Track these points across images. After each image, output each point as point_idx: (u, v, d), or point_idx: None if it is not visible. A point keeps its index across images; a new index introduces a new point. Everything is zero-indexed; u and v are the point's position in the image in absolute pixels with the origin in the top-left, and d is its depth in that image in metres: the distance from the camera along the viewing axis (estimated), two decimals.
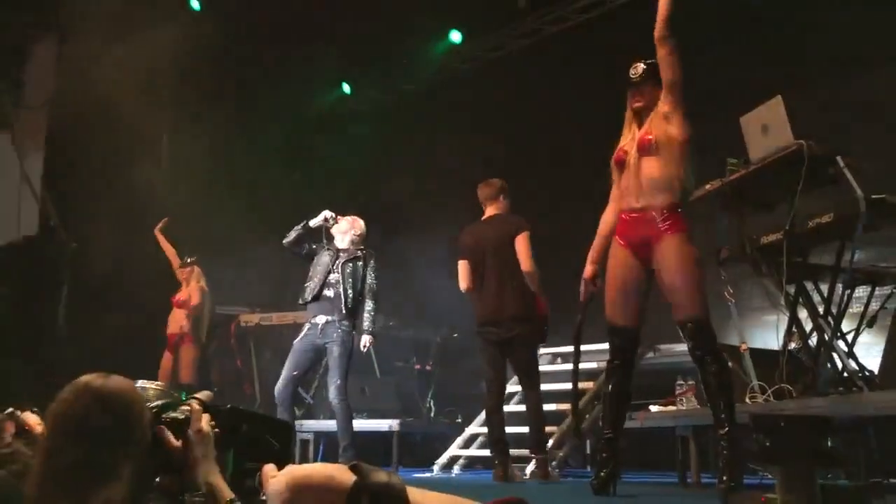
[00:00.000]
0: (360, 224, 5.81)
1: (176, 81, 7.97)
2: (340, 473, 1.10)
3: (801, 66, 6.29)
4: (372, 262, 5.67)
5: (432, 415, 7.72)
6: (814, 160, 3.87)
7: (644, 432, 5.20)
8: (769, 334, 4.61)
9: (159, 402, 1.71)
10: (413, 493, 1.11)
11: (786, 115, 3.97)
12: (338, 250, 5.70)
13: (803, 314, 4.21)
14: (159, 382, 5.35)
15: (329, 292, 5.53)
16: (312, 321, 5.55)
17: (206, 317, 7.68)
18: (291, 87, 8.95)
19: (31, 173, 7.59)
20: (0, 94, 7.45)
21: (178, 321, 7.53)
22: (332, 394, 5.41)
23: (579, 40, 7.91)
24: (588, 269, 4.11)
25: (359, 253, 5.66)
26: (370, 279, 5.62)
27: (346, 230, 5.73)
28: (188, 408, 1.70)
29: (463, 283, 5.42)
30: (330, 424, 6.84)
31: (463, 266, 5.43)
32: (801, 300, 4.17)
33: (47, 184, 7.74)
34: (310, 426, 7.03)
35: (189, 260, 7.61)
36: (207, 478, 1.64)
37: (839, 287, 4.14)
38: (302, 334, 5.59)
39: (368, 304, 5.63)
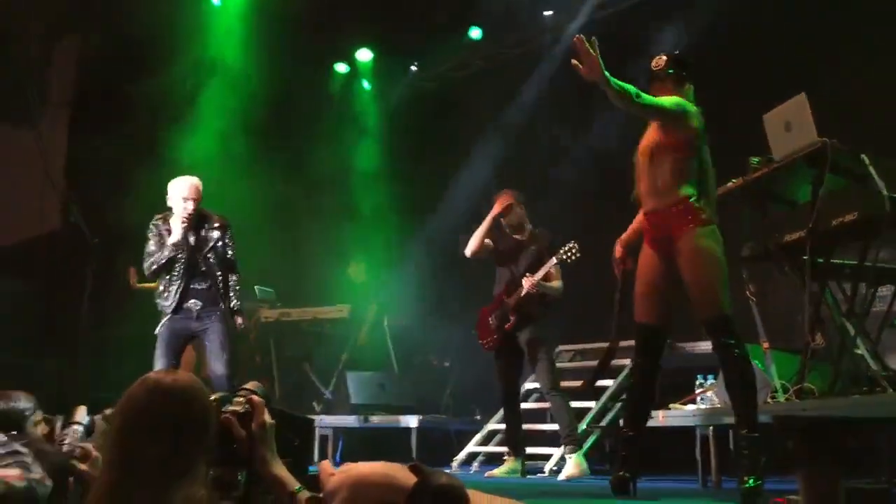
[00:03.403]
0: (196, 186, 5.14)
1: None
2: (401, 473, 1.09)
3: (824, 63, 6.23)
4: (230, 232, 5.21)
5: (450, 411, 7.72)
6: (837, 158, 3.83)
7: (664, 432, 5.17)
8: (792, 333, 4.57)
9: (217, 396, 1.72)
10: (474, 495, 1.10)
11: (809, 112, 3.93)
12: (193, 228, 5.11)
13: (826, 313, 4.17)
14: None
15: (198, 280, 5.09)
16: (185, 305, 5.06)
17: None
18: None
19: (54, 169, 7.67)
20: (25, 92, 7.52)
21: None
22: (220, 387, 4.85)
23: None
24: (616, 249, 4.12)
25: (216, 232, 5.14)
26: (230, 253, 5.17)
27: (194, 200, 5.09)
28: (242, 400, 1.70)
29: None
30: (348, 420, 6.89)
31: None
32: (823, 299, 4.13)
33: (70, 180, 7.81)
34: (329, 422, 7.06)
35: None
36: (273, 469, 1.65)
37: (862, 286, 4.10)
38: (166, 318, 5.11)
39: (234, 281, 5.21)
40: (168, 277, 5.08)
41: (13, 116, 7.60)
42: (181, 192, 5.04)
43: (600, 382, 6.32)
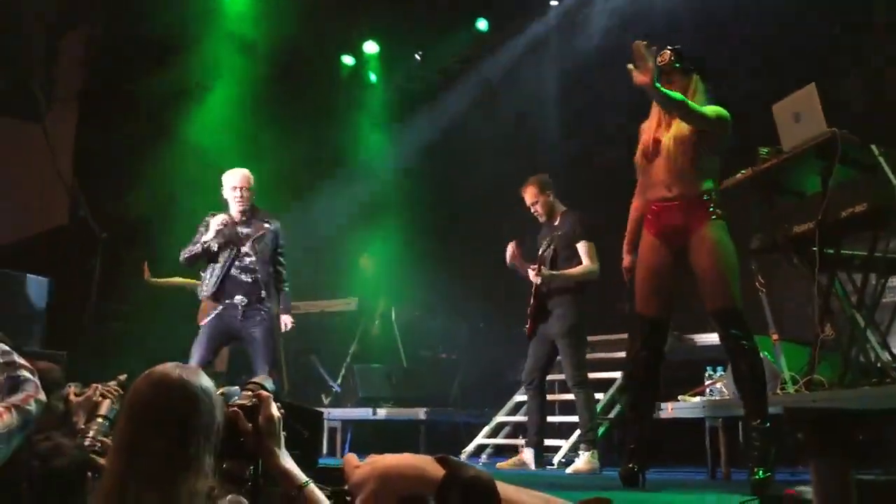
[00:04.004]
0: (244, 178, 5.24)
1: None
2: (430, 466, 1.08)
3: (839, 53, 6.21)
4: (280, 231, 5.28)
5: (458, 403, 7.74)
6: (847, 149, 3.82)
7: (672, 424, 5.17)
8: (801, 325, 4.56)
9: (224, 390, 1.72)
10: (503, 487, 1.09)
11: (819, 103, 3.91)
12: (236, 224, 5.21)
13: (836, 305, 4.16)
14: None
15: (245, 276, 5.15)
16: (229, 301, 5.15)
17: None
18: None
19: (62, 164, 7.68)
20: (32, 87, 7.53)
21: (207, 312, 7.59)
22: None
23: None
24: (626, 259, 4.11)
25: (265, 228, 5.21)
26: (279, 252, 5.26)
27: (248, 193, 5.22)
28: (249, 393, 1.70)
29: None
30: (356, 413, 6.90)
31: None
32: (833, 290, 4.11)
33: (78, 175, 7.83)
34: (337, 415, 7.07)
35: None
36: (281, 463, 1.65)
37: (872, 277, 4.09)
38: (215, 314, 5.23)
39: (283, 282, 5.31)
40: (211, 266, 5.17)
41: (20, 111, 7.61)
42: (231, 182, 5.18)
43: (608, 374, 6.33)
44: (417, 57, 9.37)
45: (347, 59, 9.46)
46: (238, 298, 5.08)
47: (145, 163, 7.48)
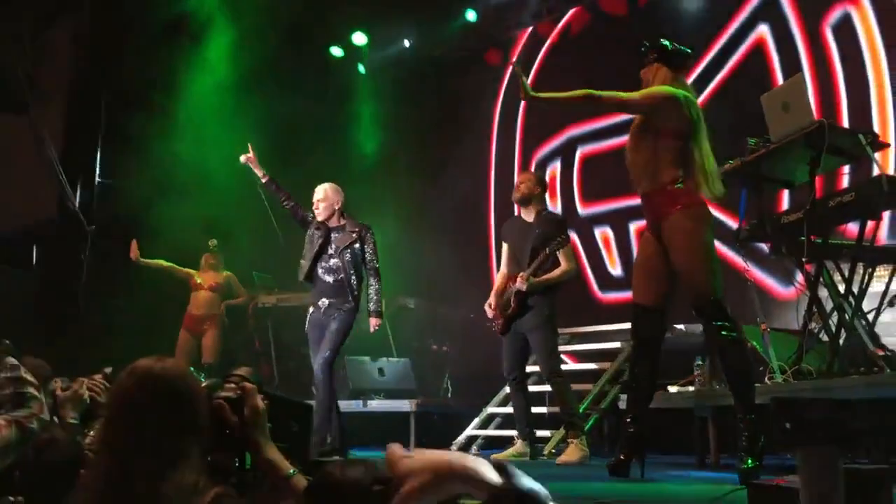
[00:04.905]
0: (332, 193, 5.50)
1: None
2: (485, 468, 1.02)
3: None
4: (370, 238, 5.48)
5: (449, 395, 7.74)
6: (835, 139, 3.83)
7: (662, 413, 5.18)
8: (789, 314, 4.58)
9: (208, 382, 1.71)
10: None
11: (807, 92, 3.92)
12: (329, 230, 5.45)
13: (824, 294, 4.17)
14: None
15: (328, 277, 5.38)
16: (317, 304, 5.41)
17: (238, 296, 7.89)
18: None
19: (50, 156, 7.64)
20: (17, 79, 7.48)
21: (208, 303, 7.60)
22: (318, 367, 5.26)
23: None
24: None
25: (354, 235, 5.44)
26: (370, 257, 5.46)
27: (326, 209, 5.45)
28: (233, 385, 1.69)
29: None
30: (347, 405, 6.89)
31: None
32: (821, 279, 4.13)
33: (66, 168, 7.79)
34: None
35: (213, 244, 7.67)
36: (267, 454, 1.65)
37: (860, 266, 4.10)
38: (307, 318, 5.49)
39: (373, 285, 5.45)
40: (304, 256, 5.51)
41: (7, 103, 7.56)
42: (315, 196, 5.51)
43: (597, 365, 6.35)
44: (406, 44, 9.32)
45: (336, 50, 9.43)
46: (322, 301, 5.40)
47: (135, 155, 7.44)
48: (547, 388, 5.73)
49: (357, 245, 5.43)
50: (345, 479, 1.38)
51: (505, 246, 5.58)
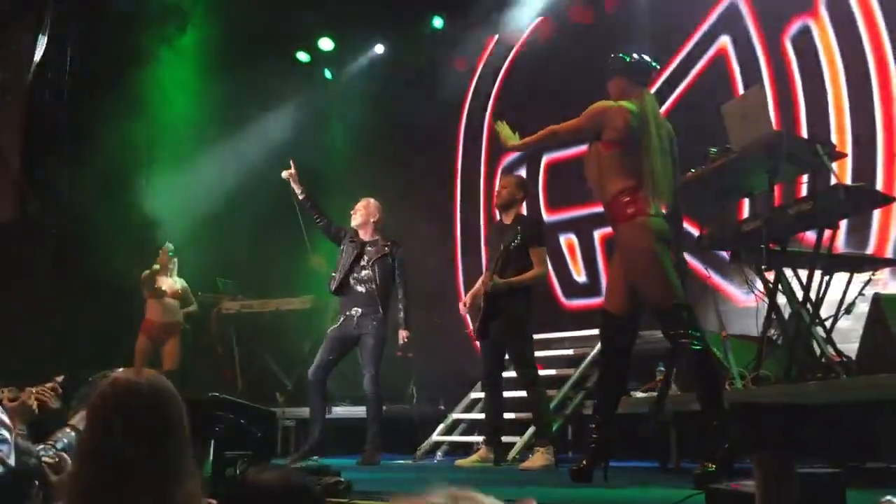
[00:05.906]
0: (373, 207, 5.85)
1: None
2: None
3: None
4: (400, 253, 5.79)
5: (414, 401, 7.71)
6: (793, 149, 3.90)
7: (623, 417, 5.22)
8: (749, 321, 4.64)
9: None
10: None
11: (767, 103, 4.00)
12: (363, 243, 5.76)
13: (782, 301, 4.24)
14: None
15: (360, 287, 5.68)
16: (348, 313, 5.69)
17: (191, 304, 7.75)
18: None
19: (8, 159, 7.51)
20: None
21: (166, 310, 7.49)
22: (367, 383, 5.63)
23: None
24: None
25: (386, 249, 5.75)
26: (399, 271, 5.76)
27: (362, 217, 5.80)
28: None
29: None
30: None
31: None
32: (780, 287, 4.20)
33: (25, 170, 7.66)
34: (292, 413, 7.02)
35: (170, 248, 7.56)
36: None
37: (818, 274, 4.18)
38: (337, 324, 5.77)
39: (402, 298, 5.76)
40: (337, 268, 5.83)
41: None
42: (358, 203, 5.88)
43: (563, 370, 6.37)
44: (377, 50, 9.31)
45: (302, 56, 9.38)
46: (354, 311, 5.68)
47: (98, 158, 7.34)
48: (516, 393, 5.72)
49: (389, 259, 5.74)
50: (258, 484, 1.39)
51: (485, 250, 5.64)
